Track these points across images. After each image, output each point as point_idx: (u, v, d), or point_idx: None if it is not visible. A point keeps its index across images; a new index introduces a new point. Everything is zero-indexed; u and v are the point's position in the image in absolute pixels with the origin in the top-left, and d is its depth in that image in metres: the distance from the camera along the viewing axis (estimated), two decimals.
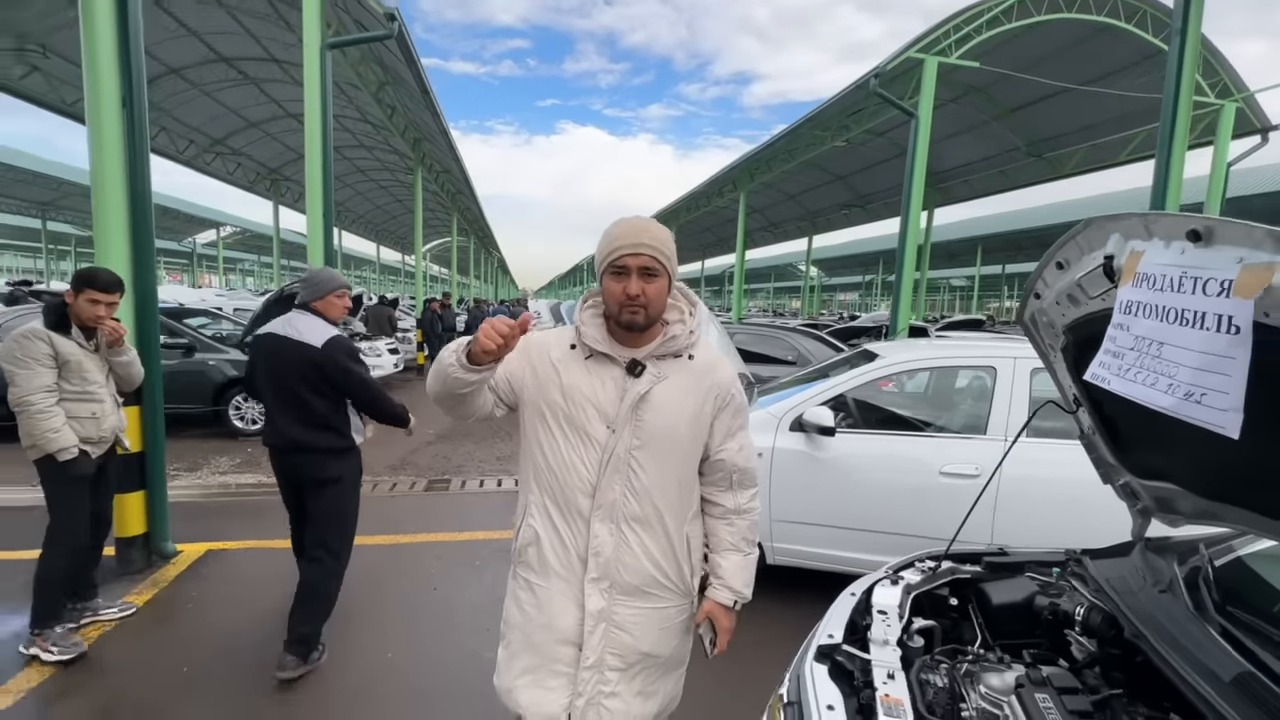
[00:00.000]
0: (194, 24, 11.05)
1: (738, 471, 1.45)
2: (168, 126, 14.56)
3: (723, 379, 1.41)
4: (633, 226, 1.29)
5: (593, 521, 1.34)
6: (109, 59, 3.37)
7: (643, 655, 1.39)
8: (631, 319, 1.29)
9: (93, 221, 3.42)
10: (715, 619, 1.45)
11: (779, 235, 29.88)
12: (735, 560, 1.46)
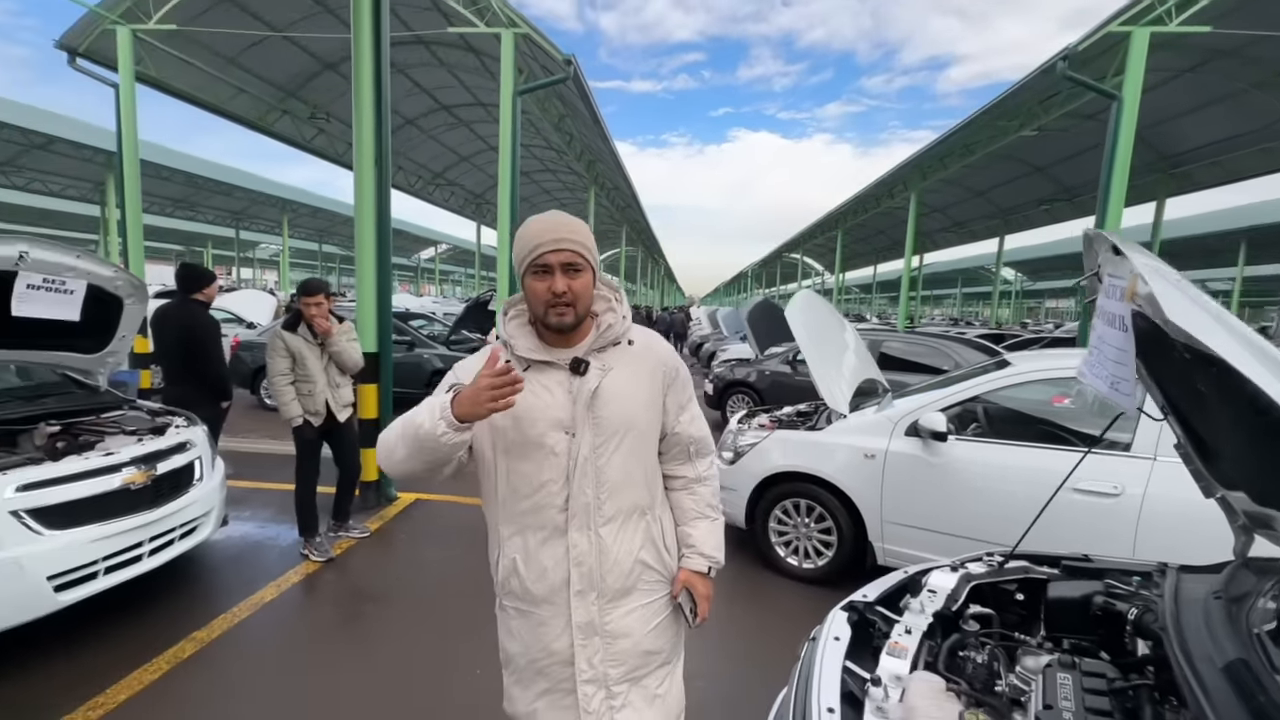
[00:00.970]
0: (424, 83, 13.62)
1: (694, 443, 1.44)
2: (404, 166, 17.95)
3: (663, 354, 1.39)
4: (550, 223, 1.24)
5: (570, 533, 1.28)
6: (369, 128, 4.60)
7: (644, 655, 1.35)
8: (560, 319, 1.23)
9: (355, 244, 4.68)
10: (692, 587, 1.42)
11: (965, 235, 27.03)
12: (704, 526, 1.45)
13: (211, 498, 3.29)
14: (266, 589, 3.32)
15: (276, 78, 11.88)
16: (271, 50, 10.76)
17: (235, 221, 31.41)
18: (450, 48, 11.24)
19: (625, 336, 1.33)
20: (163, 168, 20.35)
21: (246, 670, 2.64)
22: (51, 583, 2.46)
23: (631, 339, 1.35)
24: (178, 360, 3.84)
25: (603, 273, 1.36)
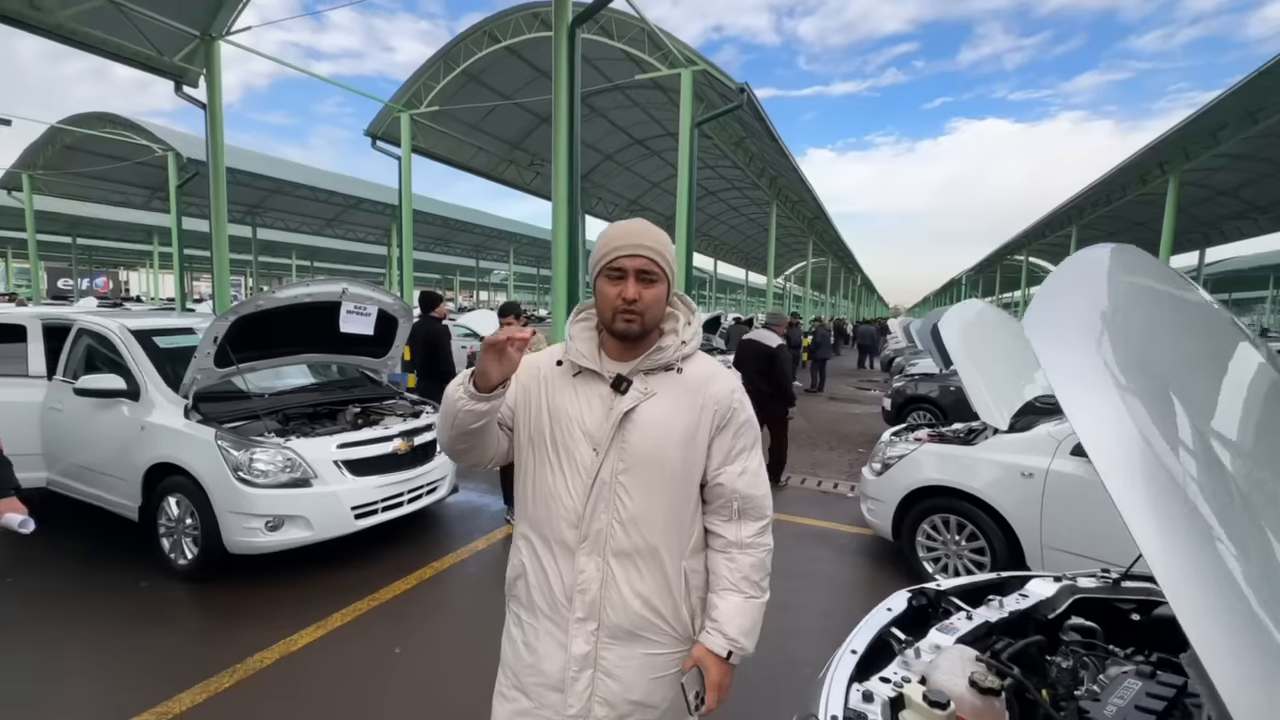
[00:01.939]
0: (620, 121, 15.23)
1: (739, 499, 1.26)
2: (603, 196, 20.07)
3: (719, 392, 1.24)
4: (631, 228, 1.20)
5: (578, 555, 1.21)
6: (563, 169, 5.61)
7: (634, 705, 1.24)
8: (626, 327, 1.17)
9: (552, 268, 5.71)
10: (705, 669, 1.22)
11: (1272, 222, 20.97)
12: (734, 602, 1.24)
13: (446, 467, 4.39)
14: (478, 540, 4.32)
15: (505, 135, 14.41)
16: (502, 114, 13.13)
17: (475, 253, 37.81)
18: (641, 89, 12.49)
19: (678, 363, 1.23)
20: (426, 214, 25.60)
21: (461, 589, 3.58)
22: (353, 512, 3.64)
23: (684, 367, 1.24)
24: (425, 359, 5.17)
25: (680, 291, 1.32)
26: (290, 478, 3.40)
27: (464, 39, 11.13)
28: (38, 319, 4.32)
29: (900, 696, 1.31)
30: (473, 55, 11.20)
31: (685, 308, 1.31)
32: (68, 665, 2.68)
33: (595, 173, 18.29)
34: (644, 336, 1.22)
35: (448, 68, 11.41)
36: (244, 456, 3.33)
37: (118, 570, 3.56)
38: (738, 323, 17.00)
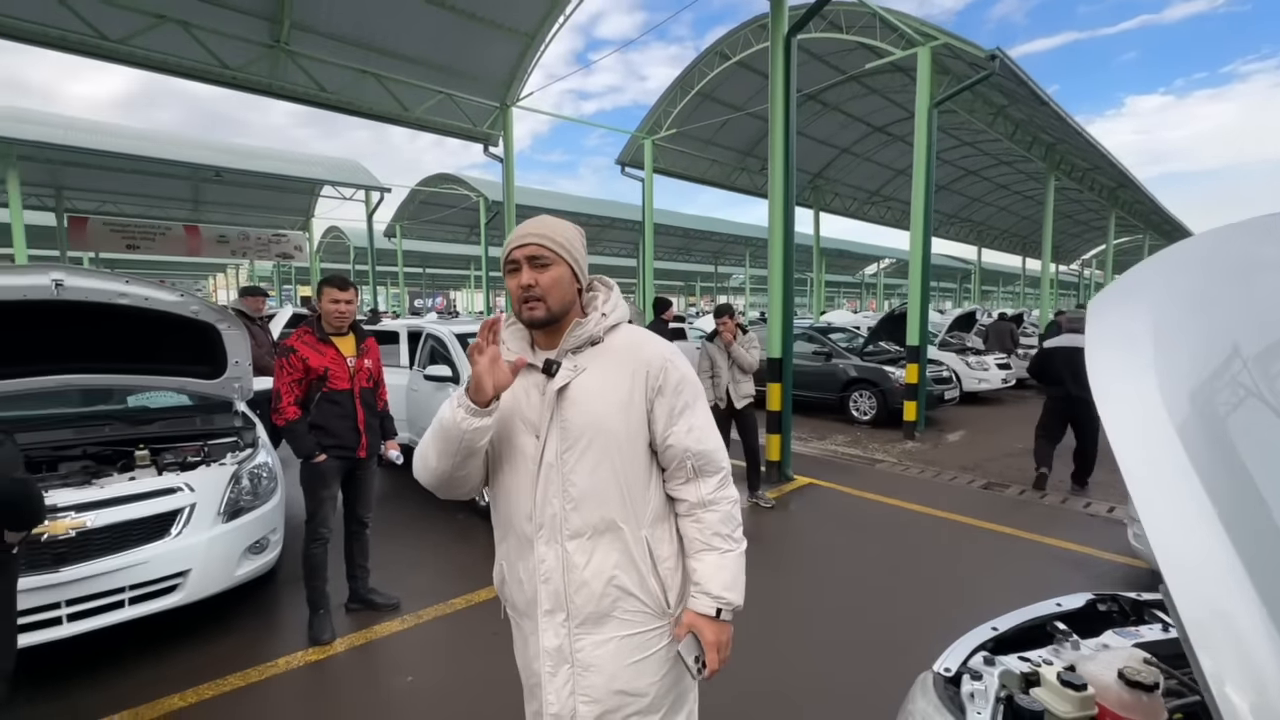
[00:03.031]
0: (857, 112, 14.55)
1: (693, 457, 1.24)
2: (840, 192, 19.28)
3: (649, 355, 1.24)
4: (522, 227, 1.23)
5: (536, 545, 1.22)
6: (779, 177, 5.83)
7: (619, 695, 1.21)
8: (531, 314, 1.20)
9: (768, 269, 5.98)
10: (698, 631, 1.21)
11: None
12: (710, 561, 1.24)
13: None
14: None
15: (737, 144, 14.99)
16: (733, 126, 13.74)
17: (714, 259, 39.48)
18: (878, 75, 11.82)
19: (601, 334, 1.25)
20: (668, 227, 27.79)
21: None
22: None
23: (608, 338, 1.25)
24: None
25: (588, 272, 1.30)
26: None
27: (697, 64, 12.03)
28: (404, 328, 6.24)
29: (1035, 674, 1.31)
30: (705, 76, 12.02)
31: (604, 287, 1.33)
32: (421, 559, 3.96)
33: (830, 168, 17.71)
34: (557, 320, 1.23)
35: (683, 92, 12.44)
36: None
37: (467, 506, 4.99)
38: (1002, 319, 14.71)
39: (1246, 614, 0.73)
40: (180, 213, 19.89)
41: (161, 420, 3.58)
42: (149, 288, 3.09)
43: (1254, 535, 0.76)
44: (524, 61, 9.69)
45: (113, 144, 14.26)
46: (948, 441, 7.82)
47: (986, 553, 4.18)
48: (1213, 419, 0.86)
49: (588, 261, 1.30)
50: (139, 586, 2.69)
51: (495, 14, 8.70)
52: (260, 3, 7.65)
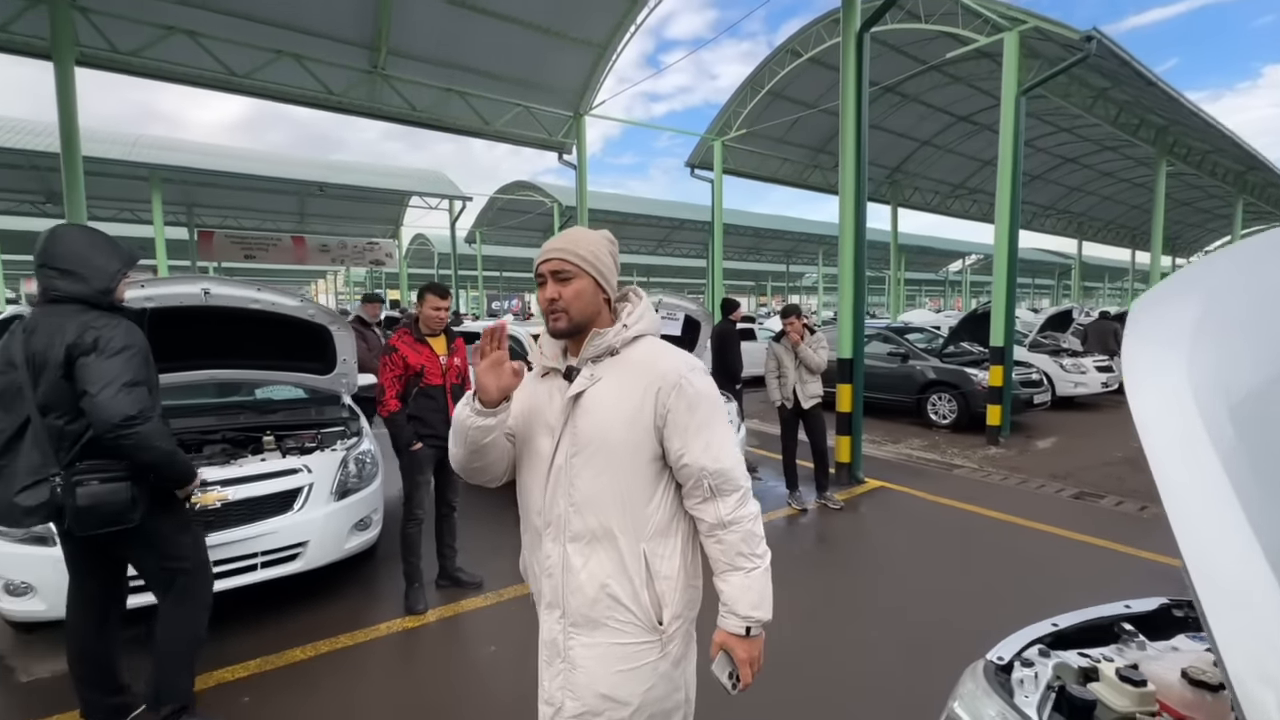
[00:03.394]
0: (938, 102, 13.92)
1: (710, 476, 1.23)
2: (919, 186, 18.45)
3: (665, 369, 1.24)
4: (552, 240, 1.29)
5: (544, 541, 1.28)
6: (850, 175, 5.76)
7: (601, 699, 1.23)
8: (554, 325, 1.27)
9: (839, 268, 5.92)
10: (730, 650, 1.24)
11: None
12: (736, 581, 1.24)
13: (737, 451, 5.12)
14: (763, 514, 4.92)
15: (809, 141, 14.72)
16: (805, 123, 13.51)
17: (785, 258, 38.70)
18: (962, 63, 11.28)
19: (619, 346, 1.27)
20: (737, 227, 27.56)
21: None
22: None
23: (626, 350, 1.28)
24: (715, 356, 6.02)
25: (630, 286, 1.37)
26: None
27: (768, 63, 11.95)
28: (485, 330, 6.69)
29: (1094, 669, 1.31)
30: (776, 75, 11.92)
31: (635, 298, 1.36)
32: (502, 544, 4.26)
33: (910, 162, 17.01)
34: (581, 331, 1.28)
35: (753, 92, 12.39)
36: None
37: None
38: (1104, 317, 13.58)
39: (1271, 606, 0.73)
40: (288, 225, 21.89)
41: (283, 410, 4.08)
42: (275, 294, 3.55)
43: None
44: (596, 71, 10.02)
45: (236, 165, 15.97)
46: (1036, 448, 7.38)
47: (1070, 563, 3.98)
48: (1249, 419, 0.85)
49: (616, 270, 1.33)
50: (269, 553, 3.12)
51: (569, 27, 9.07)
52: (362, 34, 8.39)
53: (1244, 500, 0.80)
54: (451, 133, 10.26)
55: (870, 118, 13.52)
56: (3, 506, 1.95)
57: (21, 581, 2.73)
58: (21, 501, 1.94)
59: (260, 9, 7.66)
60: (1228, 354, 0.93)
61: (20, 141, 13.83)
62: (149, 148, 15.41)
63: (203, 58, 7.78)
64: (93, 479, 2.00)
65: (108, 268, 2.12)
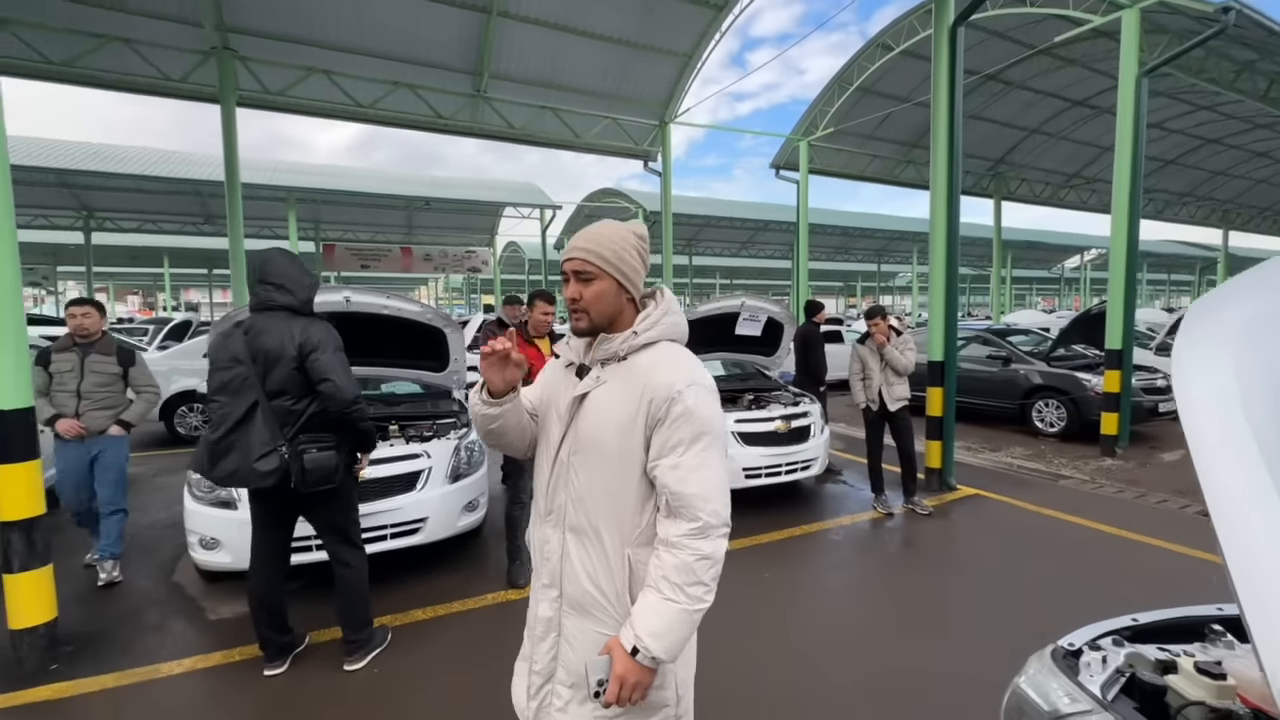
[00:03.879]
0: (1048, 88, 12.94)
1: (669, 494, 1.19)
2: (1026, 177, 17.15)
3: (659, 382, 1.20)
4: (579, 234, 1.30)
5: (545, 525, 1.33)
6: (942, 165, 5.61)
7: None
8: (575, 325, 1.29)
9: (930, 265, 5.76)
10: (613, 656, 1.18)
11: None
12: (649, 600, 1.18)
13: (818, 449, 5.15)
14: (844, 518, 4.92)
15: (902, 136, 14.15)
16: (896, 118, 13.02)
17: (876, 258, 37.06)
18: (1075, 44, 10.47)
19: (625, 352, 1.26)
20: (824, 226, 26.79)
21: (823, 548, 4.29)
22: (744, 472, 4.78)
23: (631, 356, 1.26)
24: (799, 358, 6.04)
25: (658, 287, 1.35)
26: None
27: (856, 59, 11.67)
28: None
29: (1173, 663, 1.32)
30: (865, 71, 11.61)
31: (654, 303, 1.33)
32: None
33: (1015, 153, 15.88)
34: (599, 331, 1.29)
35: (840, 90, 12.14)
36: None
37: None
38: None
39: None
40: (397, 236, 23.88)
41: (405, 403, 4.64)
42: (400, 300, 4.07)
43: None
44: (682, 80, 10.26)
45: (355, 185, 17.74)
46: (1160, 461, 6.76)
47: (1186, 580, 3.69)
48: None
49: (644, 268, 1.32)
50: (396, 526, 3.60)
51: (655, 39, 9.38)
52: (467, 61, 9.15)
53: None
54: (545, 147, 10.89)
55: (969, 108, 12.87)
56: (244, 471, 2.49)
57: (212, 537, 3.36)
58: (260, 467, 2.48)
59: (382, 46, 8.57)
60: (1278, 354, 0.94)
61: (187, 172, 16.15)
62: (286, 172, 17.49)
63: (335, 92, 8.82)
64: (311, 448, 2.54)
65: (304, 281, 2.69)
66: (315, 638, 3.07)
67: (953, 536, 4.57)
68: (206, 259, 31.56)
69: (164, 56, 7.85)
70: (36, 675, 2.81)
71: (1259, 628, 0.78)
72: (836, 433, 8.11)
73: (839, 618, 3.39)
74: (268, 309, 2.61)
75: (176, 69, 7.97)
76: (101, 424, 3.76)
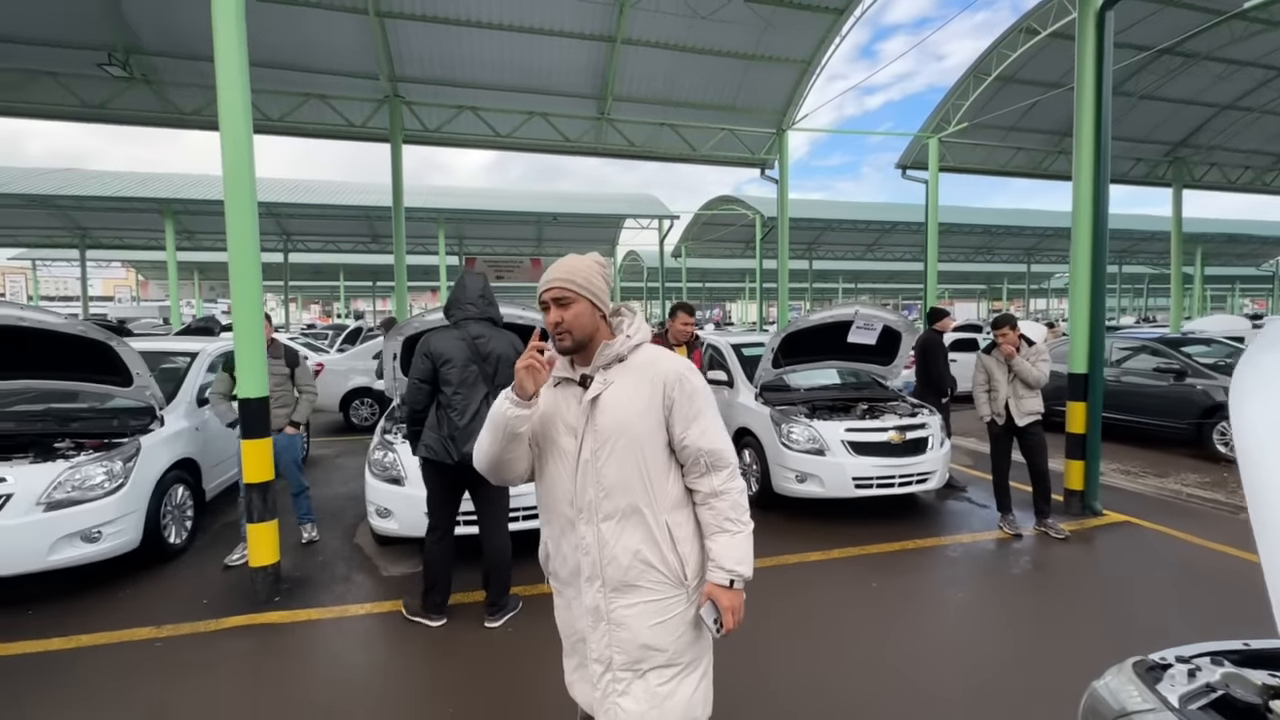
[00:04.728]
0: (1245, 56, 11.08)
1: (705, 454, 1.47)
2: (1217, 160, 14.70)
3: (667, 369, 1.47)
4: (552, 267, 1.49)
5: (577, 525, 1.47)
6: (1088, 161, 5.15)
7: (643, 649, 1.45)
8: (561, 344, 1.46)
9: (1070, 266, 5.31)
10: (715, 599, 1.46)
11: None
12: (723, 541, 1.47)
13: (937, 462, 4.98)
14: (963, 535, 4.72)
15: (1050, 125, 12.82)
16: (1045, 106, 11.85)
17: (1026, 257, 33.41)
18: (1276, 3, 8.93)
19: (626, 353, 1.48)
20: (961, 225, 24.73)
21: (936, 564, 4.19)
22: (853, 481, 4.77)
23: (632, 356, 1.49)
24: (919, 367, 5.83)
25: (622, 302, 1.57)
26: (812, 447, 4.84)
27: (995, 47, 10.81)
28: None
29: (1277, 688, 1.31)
30: (1006, 59, 10.73)
31: (629, 312, 1.56)
32: None
33: (1201, 133, 13.70)
34: (584, 347, 1.47)
35: (976, 82, 11.30)
36: (785, 428, 4.97)
37: None
38: None
39: None
40: (527, 248, 25.82)
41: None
42: (527, 310, 4.62)
43: None
44: (800, 86, 10.21)
45: (493, 204, 19.60)
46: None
47: None
48: None
49: (608, 289, 1.53)
50: (527, 511, 4.09)
51: (773, 49, 9.44)
52: (594, 87, 9.88)
53: None
54: (664, 161, 11.37)
55: (1139, 88, 11.41)
56: None
57: (385, 508, 4.07)
58: None
59: (520, 81, 9.55)
60: None
61: (360, 199, 18.86)
62: (436, 195, 19.82)
63: (480, 126, 9.96)
64: None
65: (494, 299, 3.42)
66: (460, 599, 3.64)
67: (1089, 564, 4.22)
68: (371, 273, 36.26)
69: (348, 106, 9.39)
70: (267, 603, 3.64)
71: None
72: (965, 448, 7.64)
73: (944, 634, 3.34)
74: (484, 319, 3.33)
75: (358, 116, 9.49)
76: (279, 421, 4.21)
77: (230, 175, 3.56)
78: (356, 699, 2.77)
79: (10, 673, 2.97)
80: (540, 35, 8.65)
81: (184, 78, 8.41)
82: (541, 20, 8.44)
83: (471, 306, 3.30)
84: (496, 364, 3.25)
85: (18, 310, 3.88)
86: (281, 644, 3.26)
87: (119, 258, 30.60)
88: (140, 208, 18.54)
